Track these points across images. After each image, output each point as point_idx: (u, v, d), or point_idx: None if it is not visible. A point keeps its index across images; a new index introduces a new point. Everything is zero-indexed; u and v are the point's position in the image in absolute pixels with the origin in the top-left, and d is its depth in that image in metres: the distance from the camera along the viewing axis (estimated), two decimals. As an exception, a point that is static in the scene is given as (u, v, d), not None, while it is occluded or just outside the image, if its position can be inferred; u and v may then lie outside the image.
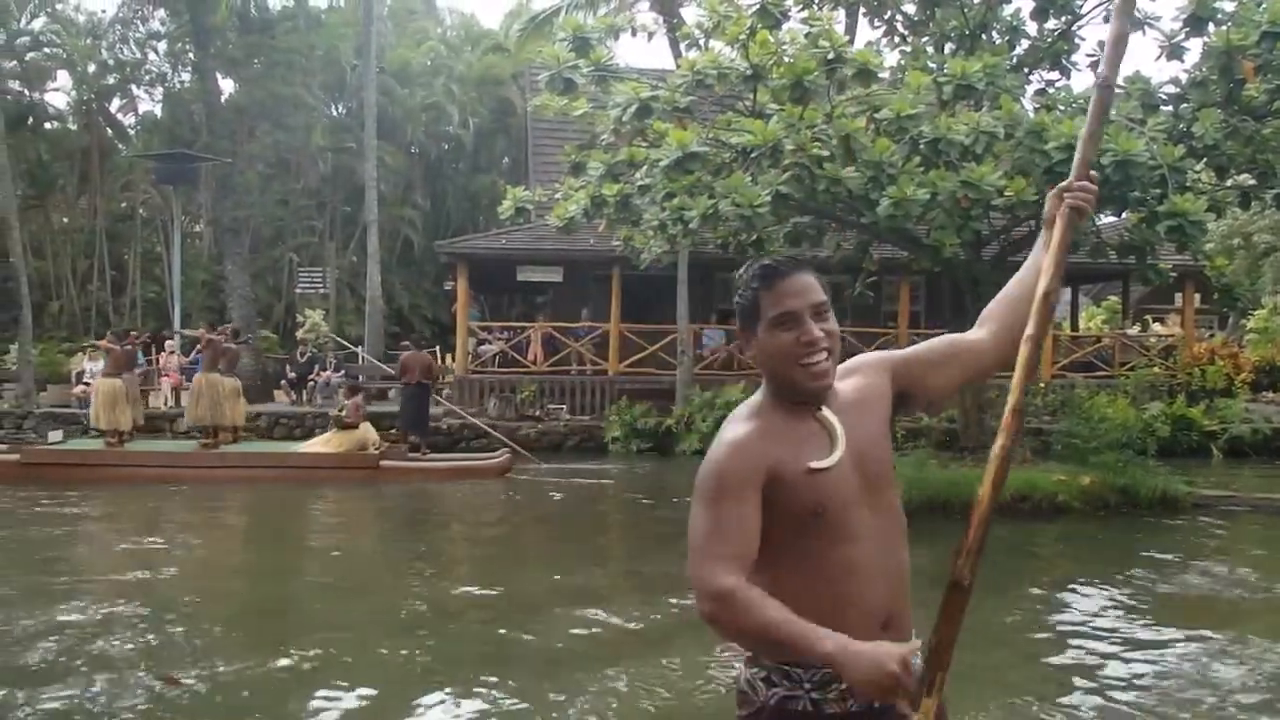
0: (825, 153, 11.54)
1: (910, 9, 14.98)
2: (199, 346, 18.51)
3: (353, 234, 36.66)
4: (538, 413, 21.62)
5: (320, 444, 17.25)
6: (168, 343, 24.46)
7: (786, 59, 11.79)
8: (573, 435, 20.92)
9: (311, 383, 22.78)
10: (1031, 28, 14.23)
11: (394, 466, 16.73)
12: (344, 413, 17.31)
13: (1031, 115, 12.13)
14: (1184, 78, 13.26)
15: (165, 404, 21.99)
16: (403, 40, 40.70)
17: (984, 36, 14.05)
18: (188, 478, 15.93)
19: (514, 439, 20.52)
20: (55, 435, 18.31)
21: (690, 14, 22.97)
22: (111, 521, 13.44)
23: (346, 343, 23.63)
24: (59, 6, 35.73)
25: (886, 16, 15.12)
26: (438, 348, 29.65)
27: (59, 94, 36.99)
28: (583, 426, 21.12)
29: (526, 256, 23.04)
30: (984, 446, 15.10)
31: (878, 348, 22.57)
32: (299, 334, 27.71)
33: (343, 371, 23.54)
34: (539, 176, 24.08)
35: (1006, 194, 11.44)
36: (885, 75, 12.92)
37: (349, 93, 38.00)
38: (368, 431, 17.17)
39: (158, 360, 23.57)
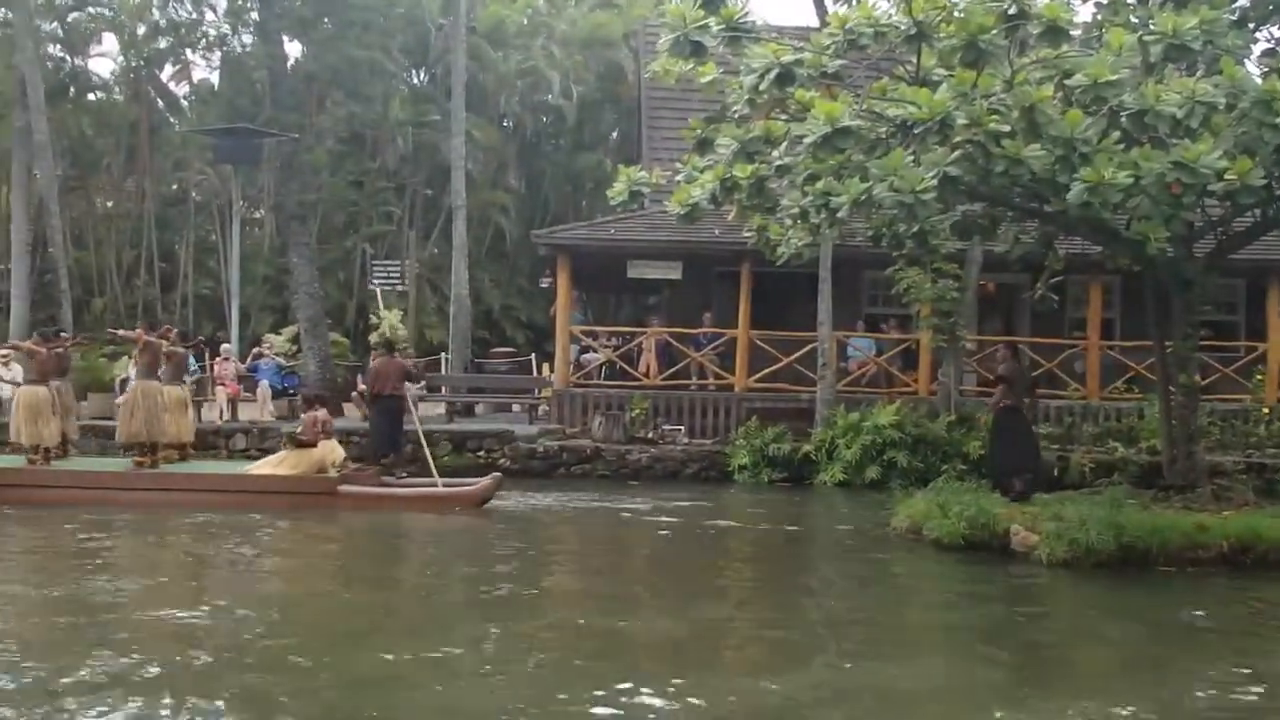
0: (1004, 127, 11.29)
1: (1109, -48, 14.64)
2: (137, 349, 18.37)
3: (435, 222, 37.14)
4: (650, 434, 21.61)
5: (272, 464, 17.29)
6: (223, 347, 24.97)
7: (958, 14, 11.57)
8: (691, 462, 20.86)
9: (387, 395, 23.02)
10: (1259, -27, 13.82)
11: (354, 493, 16.64)
12: (300, 429, 17.45)
13: (1259, 81, 11.75)
14: None
15: (221, 417, 22.44)
16: (496, -6, 41.19)
17: (1199, -15, 13.67)
18: (120, 501, 16.11)
19: (623, 464, 20.57)
20: None
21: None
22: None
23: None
24: (106, -41, 36.88)
25: (1079, -38, 14.82)
26: (533, 355, 29.89)
27: (104, 60, 38.28)
28: (703, 452, 21.05)
29: (639, 249, 23.04)
30: (1194, 485, 14.70)
31: (1063, 362, 22.19)
32: (372, 338, 28.11)
33: (423, 383, 23.77)
34: (655, 155, 24.11)
35: (1227, 177, 11.06)
36: (1077, 33, 12.62)
37: (434, 57, 38.52)
38: (330, 451, 17.12)
39: (212, 368, 24.05)
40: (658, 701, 7.53)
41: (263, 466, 17.39)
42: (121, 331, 21.70)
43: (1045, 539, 12.95)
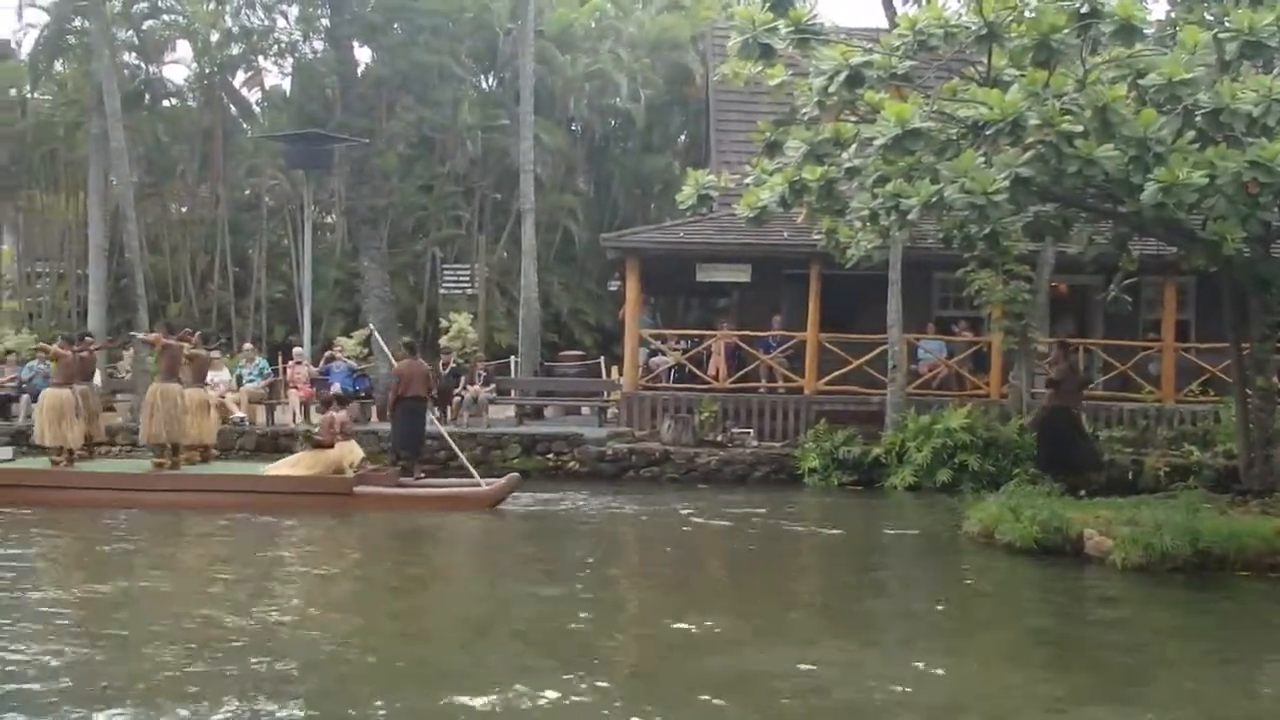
0: (1077, 127, 11.19)
1: (1182, -50, 14.49)
2: (156, 351, 18.96)
3: (505, 225, 37.33)
4: (720, 437, 21.60)
5: (288, 465, 17.50)
6: (296, 351, 25.24)
7: (1029, 14, 11.50)
8: (760, 465, 20.82)
9: (457, 398, 23.17)
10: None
11: (370, 493, 16.82)
12: (317, 430, 17.67)
13: (1339, 78, 11.57)
14: None
15: (294, 420, 22.66)
16: (564, -1, 41.33)
17: (1276, -18, 13.49)
18: (140, 502, 16.35)
19: (692, 467, 20.59)
20: (3, 453, 18.91)
21: (909, -38, 22.72)
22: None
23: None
24: (179, -33, 37.40)
25: (1152, -40, 14.66)
26: (602, 358, 29.96)
27: (178, 67, 38.67)
28: (773, 455, 21.01)
29: (708, 252, 23.06)
30: (1272, 489, 14.51)
31: (1137, 364, 21.94)
32: (443, 341, 28.31)
33: (492, 386, 23.92)
34: (723, 158, 24.11)
35: (1306, 176, 10.92)
36: (1150, 32, 12.48)
37: (502, 61, 38.69)
38: (347, 451, 17.30)
39: (285, 371, 24.33)
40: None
41: (280, 467, 17.60)
42: (141, 335, 22.12)
43: (1120, 544, 12.82)
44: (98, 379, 23.61)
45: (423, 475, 18.60)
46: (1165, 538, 12.52)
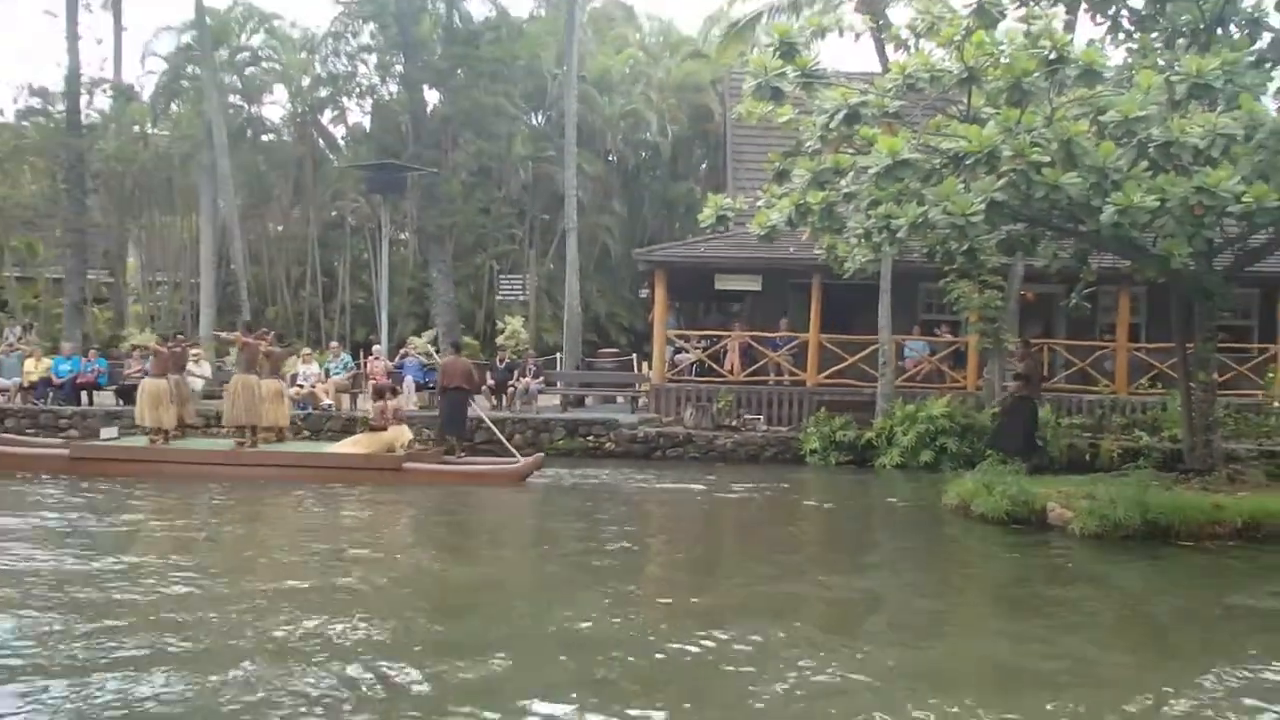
0: (1044, 158, 11.03)
1: (1138, 3, 14.26)
2: (237, 348, 19.14)
3: (552, 241, 37.24)
4: (734, 423, 21.49)
5: (349, 444, 17.75)
6: (375, 348, 25.22)
7: (1004, 60, 11.35)
8: (770, 446, 20.70)
9: (511, 388, 23.13)
10: (1275, 19, 13.38)
11: (417, 469, 16.99)
12: (373, 416, 17.88)
13: (1275, 115, 11.37)
14: None
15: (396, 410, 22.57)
16: (602, 48, 41.19)
17: (1220, 30, 13.28)
18: (222, 475, 16.59)
19: (710, 448, 20.49)
20: (110, 432, 19.16)
21: (899, 15, 22.49)
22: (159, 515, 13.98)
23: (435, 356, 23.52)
24: (276, 23, 37.44)
25: (1111, 12, 14.42)
26: (634, 355, 29.85)
27: (275, 107, 38.86)
28: (780, 438, 20.88)
29: (725, 265, 22.94)
30: (1211, 469, 14.33)
31: (1094, 362, 21.72)
32: (499, 340, 28.27)
33: (541, 378, 23.84)
34: (739, 183, 23.97)
35: (1244, 200, 10.72)
36: (1110, 75, 12.31)
37: (549, 101, 38.63)
38: (399, 433, 17.57)
39: (365, 365, 24.30)
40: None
41: (342, 446, 17.81)
42: (224, 334, 22.39)
43: (1079, 515, 12.70)
44: (208, 370, 23.74)
45: (463, 454, 18.65)
46: (1118, 510, 12.41)
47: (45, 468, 16.89)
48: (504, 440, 19.04)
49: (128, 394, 21.85)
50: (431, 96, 33.61)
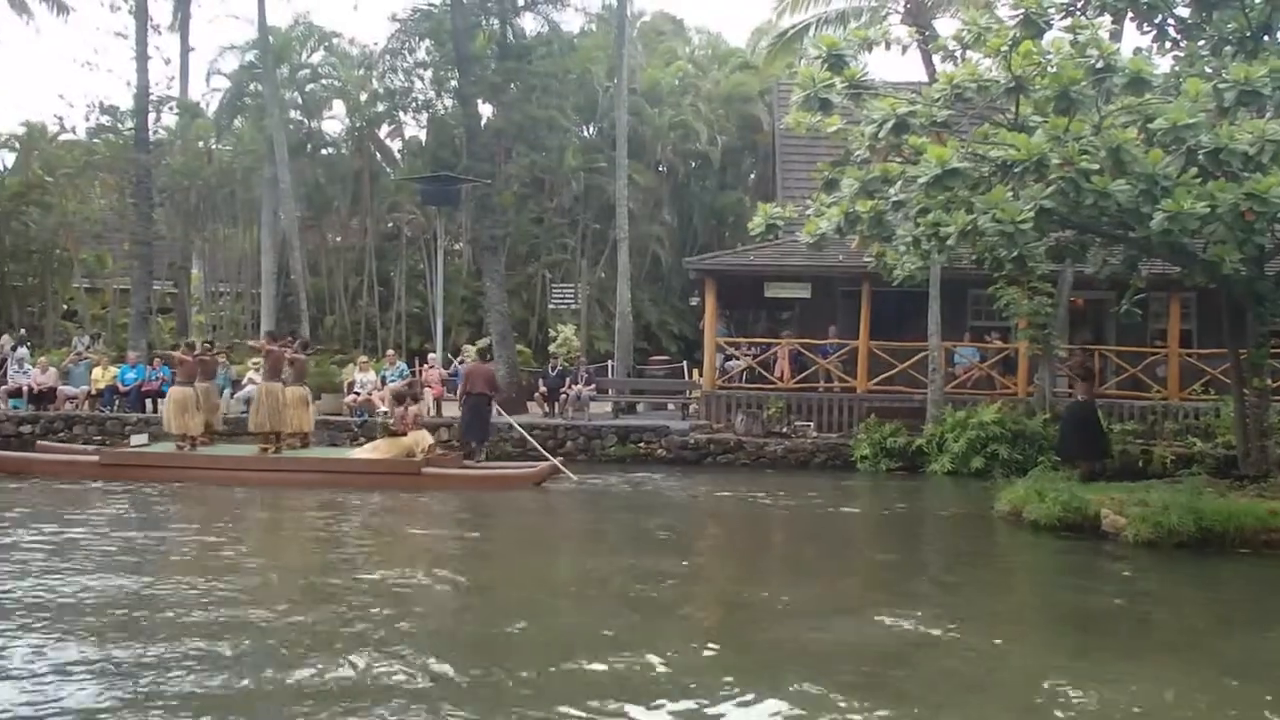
0: (1093, 166, 10.94)
1: (1184, 12, 14.11)
2: (264, 355, 19.27)
3: (603, 251, 37.33)
4: (785, 429, 21.44)
5: (369, 450, 17.91)
6: (430, 356, 25.41)
7: (1051, 69, 11.28)
8: (820, 453, 20.64)
9: (563, 395, 23.22)
10: (1324, 26, 13.19)
11: (436, 473, 17.06)
12: (393, 422, 18.06)
13: (1325, 121, 11.21)
14: None
15: (427, 413, 22.74)
16: (652, 61, 41.27)
17: (1266, 38, 13.12)
18: (245, 480, 16.86)
19: (761, 455, 20.46)
20: (140, 439, 19.49)
21: (946, 26, 22.41)
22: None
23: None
24: (336, 41, 37.88)
25: (1157, 21, 14.28)
26: (685, 362, 29.88)
27: (334, 121, 39.11)
28: (830, 444, 20.81)
29: (775, 272, 22.90)
30: (1266, 475, 14.13)
31: (1145, 368, 21.45)
32: (551, 348, 28.42)
33: (593, 385, 23.91)
34: (787, 193, 23.91)
35: (1295, 205, 10.58)
36: (1157, 83, 12.19)
37: (600, 113, 38.75)
38: (420, 439, 17.71)
39: (421, 373, 24.48)
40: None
41: (363, 451, 18.04)
42: (250, 341, 22.75)
43: (1132, 521, 12.56)
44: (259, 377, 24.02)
45: (483, 459, 18.78)
46: (1172, 516, 12.26)
47: (77, 473, 17.30)
48: (535, 444, 19.19)
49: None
50: (485, 110, 33.77)
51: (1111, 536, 12.80)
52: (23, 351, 24.89)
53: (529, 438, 19.38)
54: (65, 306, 36.37)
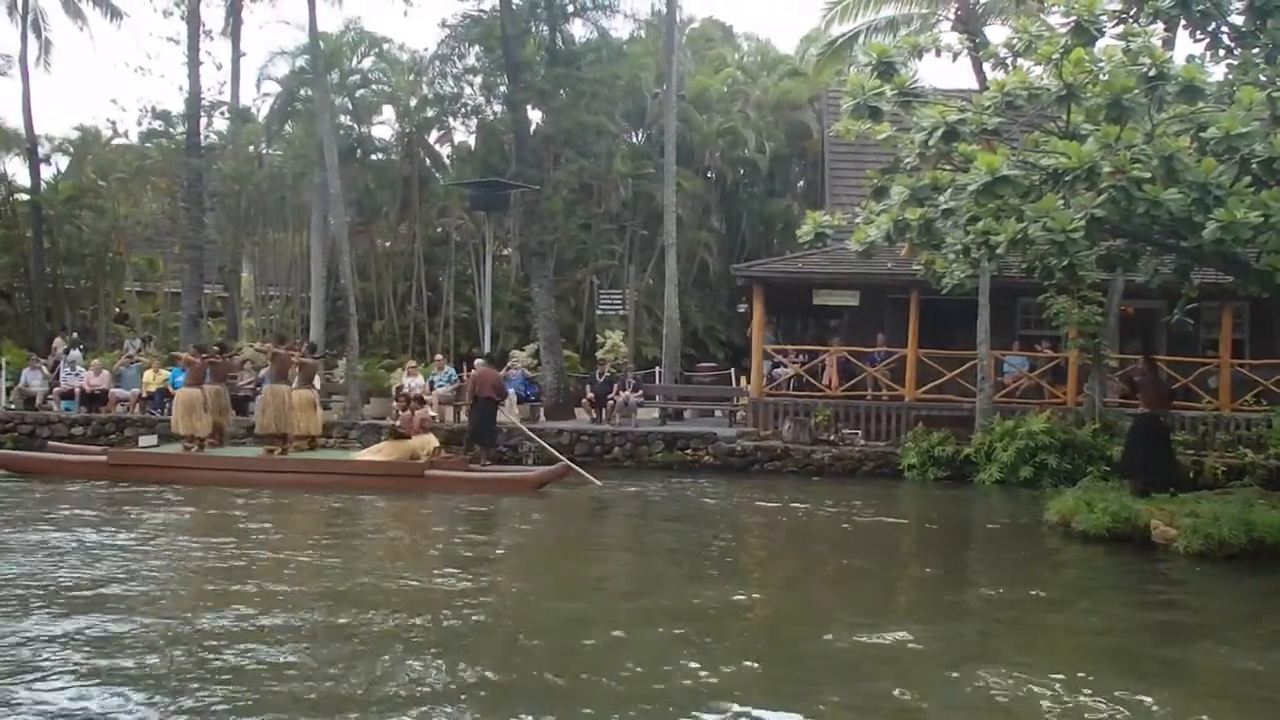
0: (1145, 174, 10.94)
1: (1238, 19, 14.04)
2: (271, 358, 19.84)
3: (651, 257, 37.51)
4: (832, 437, 21.49)
5: (373, 452, 18.21)
6: (477, 361, 25.62)
7: (1103, 77, 11.29)
8: (867, 461, 20.68)
9: (611, 401, 23.37)
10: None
11: (439, 476, 17.35)
12: (399, 423, 18.31)
13: (1381, 129, 11.14)
14: None
15: (516, 418, 22.91)
16: (701, 68, 41.41)
17: (1323, 45, 13.02)
18: (251, 481, 17.15)
19: (808, 462, 20.51)
20: (149, 440, 19.85)
21: (997, 34, 22.35)
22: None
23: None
24: (386, 47, 38.28)
25: (1210, 29, 14.21)
26: (732, 369, 29.97)
27: (384, 127, 39.50)
28: (878, 452, 20.84)
29: (823, 280, 22.96)
30: (1319, 487, 14.01)
31: (1197, 379, 21.31)
32: (599, 354, 28.58)
33: (640, 392, 24.05)
34: (836, 200, 24.00)
35: (1350, 215, 10.52)
36: (1210, 91, 12.15)
37: (649, 120, 38.95)
38: (424, 442, 17.98)
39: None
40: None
41: (366, 454, 18.34)
42: (258, 344, 23.14)
43: (1182, 533, 12.53)
44: (318, 382, 24.37)
45: (488, 463, 19.11)
46: (1223, 528, 12.23)
47: (85, 473, 17.78)
48: (547, 447, 19.64)
49: (240, 405, 22.54)
50: (534, 116, 34.05)
51: (1161, 548, 12.77)
52: (75, 354, 25.44)
53: (540, 441, 19.72)
54: (117, 309, 37.06)
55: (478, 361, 22.04)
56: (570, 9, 31.67)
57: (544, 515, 15.60)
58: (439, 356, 26.71)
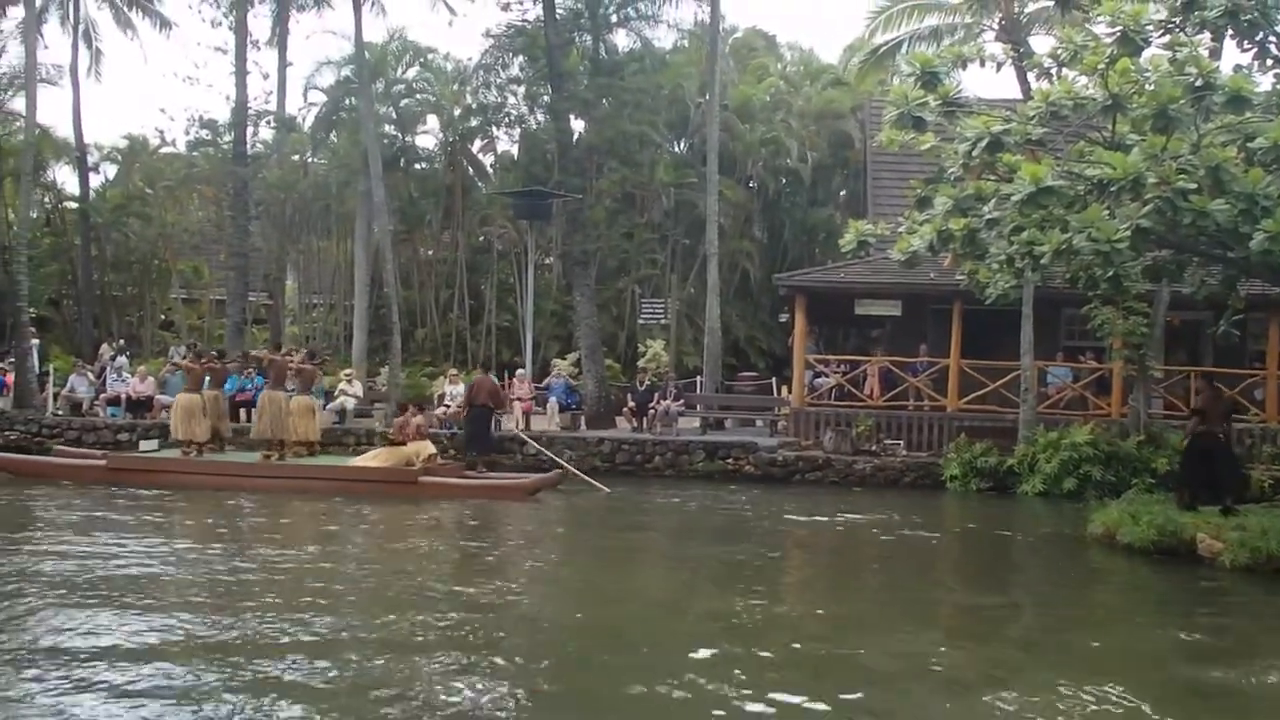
0: (1191, 185, 10.92)
1: (1287, 29, 13.96)
2: (268, 365, 20.06)
3: (692, 266, 37.58)
4: (874, 448, 21.46)
5: (368, 459, 18.34)
6: (518, 371, 25.79)
7: (1149, 87, 11.28)
8: (909, 472, 20.63)
9: (652, 410, 23.43)
10: None
11: (434, 483, 17.54)
12: (392, 430, 18.48)
13: None
14: None
15: (516, 426, 23.09)
16: (744, 77, 41.44)
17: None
18: (245, 486, 17.39)
19: (849, 473, 20.48)
20: (149, 444, 20.25)
21: (1041, 44, 22.32)
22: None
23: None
24: (429, 56, 38.63)
25: (1258, 38, 14.14)
26: (773, 379, 29.96)
27: (427, 136, 39.79)
28: (919, 463, 20.80)
29: (866, 290, 22.95)
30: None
31: (1243, 390, 21.13)
32: (640, 363, 28.66)
33: (681, 401, 24.11)
34: (878, 210, 23.98)
35: (1400, 226, 10.46)
36: (1257, 102, 12.11)
37: (691, 129, 39.02)
38: (420, 448, 18.08)
39: (509, 386, 24.86)
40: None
41: (361, 460, 18.49)
42: (254, 351, 23.57)
43: (1229, 547, 12.45)
44: (359, 389, 24.62)
45: (483, 469, 19.28)
46: (1270, 542, 12.15)
47: (85, 477, 18.14)
48: (549, 454, 20.05)
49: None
50: (577, 125, 34.24)
51: (1207, 562, 12.69)
52: (122, 360, 25.83)
53: (540, 448, 20.12)
54: (163, 316, 37.57)
55: (554, 365, 22.24)
56: (614, 19, 31.88)
57: (539, 522, 15.82)
58: (453, 371, 26.86)
